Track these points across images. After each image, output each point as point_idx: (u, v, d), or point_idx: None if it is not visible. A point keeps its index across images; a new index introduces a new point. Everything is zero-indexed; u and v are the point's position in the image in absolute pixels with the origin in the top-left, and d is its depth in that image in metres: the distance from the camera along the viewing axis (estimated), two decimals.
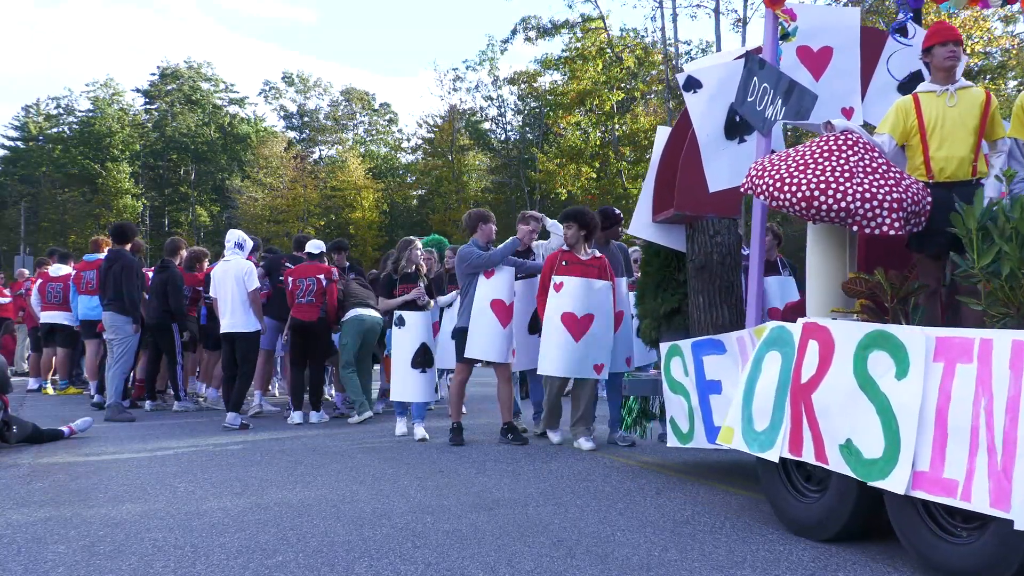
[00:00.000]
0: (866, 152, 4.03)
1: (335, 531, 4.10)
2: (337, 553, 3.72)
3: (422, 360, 7.14)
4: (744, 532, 4.05)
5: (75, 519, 4.39)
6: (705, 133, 5.30)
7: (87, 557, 3.70)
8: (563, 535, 4.00)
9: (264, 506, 4.65)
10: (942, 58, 4.26)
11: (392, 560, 3.61)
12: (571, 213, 6.73)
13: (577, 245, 6.59)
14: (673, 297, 5.99)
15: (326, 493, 4.98)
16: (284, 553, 3.73)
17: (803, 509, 3.94)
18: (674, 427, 5.20)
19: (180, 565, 3.57)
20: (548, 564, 3.54)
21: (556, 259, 6.58)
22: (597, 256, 6.63)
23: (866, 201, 3.80)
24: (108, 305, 8.68)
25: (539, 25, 32.45)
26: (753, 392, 4.07)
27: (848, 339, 3.51)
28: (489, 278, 6.83)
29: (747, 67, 4.81)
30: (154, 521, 4.34)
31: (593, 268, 6.54)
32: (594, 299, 6.44)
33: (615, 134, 31.82)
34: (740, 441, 4.10)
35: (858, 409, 3.40)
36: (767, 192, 4.06)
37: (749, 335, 4.35)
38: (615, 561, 3.58)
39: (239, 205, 42.13)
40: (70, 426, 7.22)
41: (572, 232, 6.57)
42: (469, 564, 3.55)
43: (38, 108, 50.41)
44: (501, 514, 4.43)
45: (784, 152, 4.24)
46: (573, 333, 6.37)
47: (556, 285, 6.46)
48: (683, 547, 3.79)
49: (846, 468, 3.45)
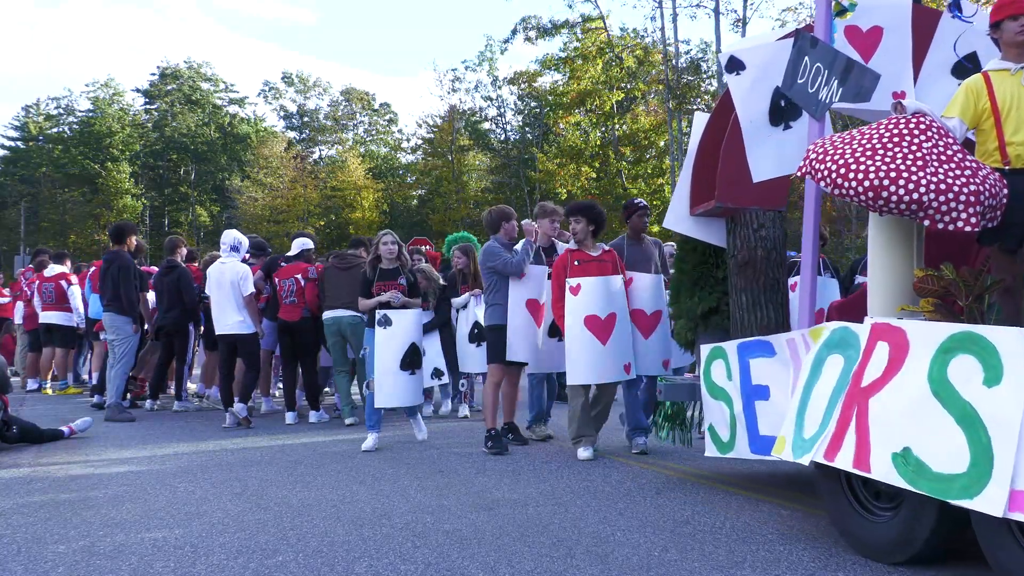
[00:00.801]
0: (940, 138, 3.67)
1: (335, 531, 4.10)
2: (337, 553, 3.72)
3: (412, 361, 6.64)
4: (744, 532, 4.04)
5: (75, 519, 4.39)
6: (748, 119, 4.91)
7: (87, 557, 3.70)
8: (563, 535, 4.00)
9: (264, 506, 4.65)
10: (1013, 33, 3.82)
11: (392, 560, 3.61)
12: (579, 207, 6.36)
13: (586, 241, 6.24)
14: (711, 296, 5.66)
15: (326, 493, 4.98)
16: (284, 553, 3.73)
17: (872, 529, 3.60)
18: (713, 435, 4.84)
19: (180, 565, 3.57)
20: (548, 564, 3.54)
21: (566, 260, 6.20)
22: (607, 250, 6.32)
23: (940, 193, 3.47)
24: (108, 306, 8.69)
25: (539, 25, 32.45)
26: (809, 399, 3.74)
27: (927, 341, 3.17)
28: (522, 278, 6.52)
29: (797, 46, 4.40)
30: (154, 521, 4.34)
31: (608, 264, 6.21)
32: (614, 297, 6.12)
33: (615, 134, 31.82)
34: (789, 452, 3.76)
35: (927, 417, 3.07)
36: (829, 179, 3.70)
37: (803, 337, 4.03)
38: (615, 561, 3.57)
39: (239, 205, 42.11)
40: (70, 426, 7.23)
41: (581, 227, 6.20)
42: (469, 564, 3.55)
43: (38, 108, 50.39)
44: (501, 514, 4.43)
45: (846, 134, 3.88)
46: (600, 336, 6.03)
47: (572, 288, 6.07)
48: (683, 547, 3.78)
49: (898, 480, 3.13)
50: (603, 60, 30.51)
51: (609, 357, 6.04)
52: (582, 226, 6.20)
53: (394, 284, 6.66)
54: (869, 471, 3.26)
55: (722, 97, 5.50)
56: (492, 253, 6.60)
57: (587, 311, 6.03)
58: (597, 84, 30.57)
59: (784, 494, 4.91)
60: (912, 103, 3.92)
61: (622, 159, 31.44)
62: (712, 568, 3.48)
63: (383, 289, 6.62)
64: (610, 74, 30.31)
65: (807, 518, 4.33)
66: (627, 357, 6.17)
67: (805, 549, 3.74)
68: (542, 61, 34.31)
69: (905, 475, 3.11)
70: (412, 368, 6.61)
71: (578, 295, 6.05)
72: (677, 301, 5.96)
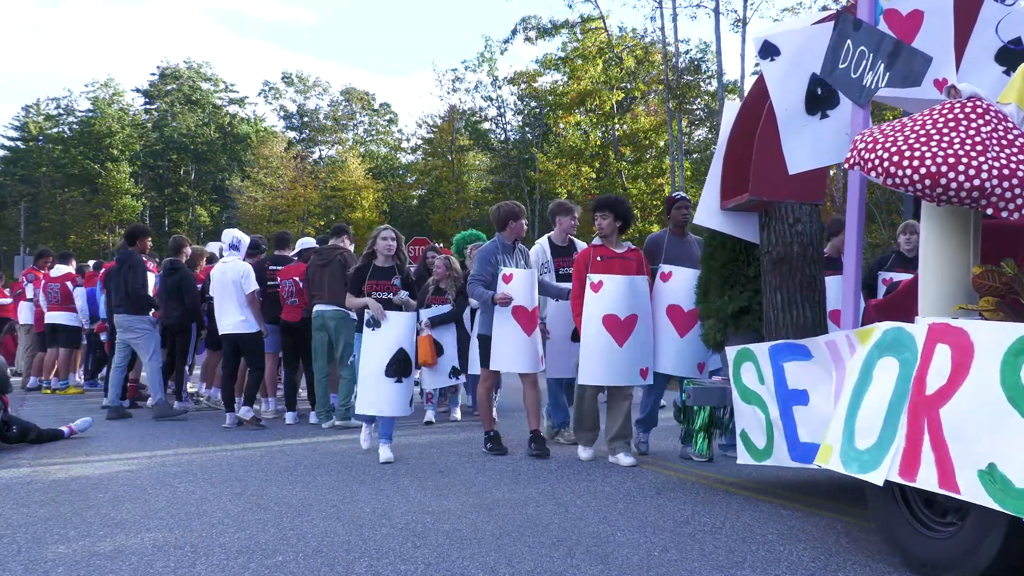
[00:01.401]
0: (999, 122, 3.44)
1: (335, 531, 4.10)
2: (337, 553, 3.72)
3: (399, 368, 6.08)
4: (744, 532, 4.04)
5: (75, 519, 4.39)
6: (783, 107, 4.62)
7: (87, 557, 3.70)
8: (563, 535, 4.00)
9: (264, 506, 4.65)
10: None
11: (392, 560, 3.61)
12: (607, 201, 6.02)
13: (611, 237, 5.95)
14: (742, 295, 5.36)
15: (326, 493, 4.98)
16: (284, 553, 3.73)
17: (931, 545, 3.33)
18: (746, 442, 4.59)
19: (180, 565, 3.57)
20: (548, 564, 3.54)
21: (589, 255, 5.96)
22: (632, 249, 6.05)
23: (1004, 179, 3.23)
24: (118, 307, 8.66)
25: (539, 25, 32.44)
26: (859, 405, 3.49)
27: (993, 343, 2.91)
28: (508, 283, 6.10)
29: (838, 29, 4.14)
30: (154, 521, 4.35)
31: (632, 263, 5.92)
32: (637, 298, 5.84)
33: (615, 134, 31.82)
34: (837, 461, 3.51)
35: (1007, 428, 2.79)
36: (880, 168, 3.46)
37: (848, 338, 3.77)
38: (615, 561, 3.57)
39: (239, 205, 42.10)
40: (70, 426, 7.23)
41: (607, 223, 5.91)
42: (469, 564, 3.55)
43: (38, 108, 50.39)
44: (501, 514, 4.43)
45: (896, 122, 3.66)
46: (616, 337, 5.76)
47: (594, 284, 5.80)
48: (683, 547, 3.78)
49: (988, 500, 2.81)
50: (603, 60, 30.51)
51: (624, 360, 5.80)
52: (608, 222, 5.94)
53: (387, 285, 6.25)
54: (958, 492, 2.95)
55: (755, 84, 5.25)
56: (483, 256, 6.28)
57: (606, 310, 5.78)
58: (597, 84, 30.57)
59: (784, 494, 4.91)
60: (967, 87, 3.70)
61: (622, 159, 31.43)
62: (712, 568, 3.48)
63: (375, 289, 6.22)
64: (610, 74, 30.32)
65: (807, 518, 4.33)
66: (644, 361, 5.92)
67: (805, 549, 3.74)
68: (542, 61, 34.31)
69: (994, 494, 2.81)
70: (399, 375, 6.08)
71: (599, 292, 5.79)
72: (706, 300, 5.66)
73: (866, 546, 3.78)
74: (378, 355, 6.09)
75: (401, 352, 6.12)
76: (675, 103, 26.99)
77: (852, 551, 3.70)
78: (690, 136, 32.05)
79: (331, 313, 7.69)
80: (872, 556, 3.62)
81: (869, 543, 3.82)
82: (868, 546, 3.77)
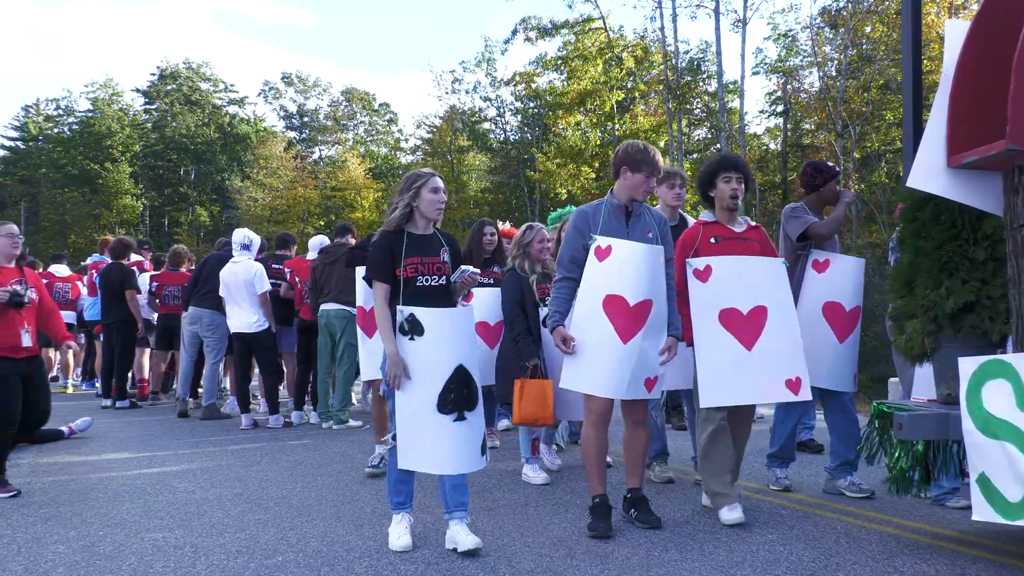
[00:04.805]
0: None
1: (335, 531, 4.10)
2: (337, 553, 3.72)
3: (458, 399, 3.78)
4: (744, 532, 4.04)
5: (75, 519, 4.39)
6: None
7: (87, 557, 3.70)
8: (563, 535, 4.00)
9: (264, 506, 4.66)
10: None
11: (392, 560, 3.61)
12: (734, 160, 4.54)
13: (733, 211, 4.48)
14: (966, 285, 3.90)
15: (326, 493, 4.98)
16: (284, 553, 3.73)
17: None
18: (988, 490, 3.35)
19: (180, 565, 3.57)
20: (548, 564, 3.54)
21: (696, 236, 4.43)
22: (754, 226, 4.56)
23: None
24: (203, 303, 8.55)
25: (539, 26, 32.46)
26: None
27: None
28: (602, 260, 4.09)
29: None
30: (154, 521, 4.35)
31: (754, 243, 4.45)
32: (764, 286, 4.32)
33: (615, 134, 31.82)
34: None
35: None
36: None
37: None
38: (615, 561, 3.58)
39: (239, 205, 42.11)
40: (70, 426, 7.24)
41: (740, 188, 4.43)
42: (469, 564, 3.55)
43: (38, 108, 50.40)
44: (501, 514, 4.43)
45: None
46: (743, 339, 4.24)
47: (699, 272, 4.27)
48: (683, 547, 3.78)
49: None
50: (603, 60, 30.53)
51: (757, 367, 4.23)
52: (741, 187, 4.45)
53: (436, 263, 3.95)
54: None
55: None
56: (564, 247, 4.34)
57: (722, 304, 4.26)
58: (597, 84, 30.59)
59: (784, 494, 4.91)
60: None
61: None
62: (712, 568, 3.48)
63: (421, 271, 3.91)
64: (610, 74, 30.33)
65: (807, 518, 4.33)
66: (796, 370, 4.31)
67: (805, 549, 3.74)
68: (541, 61, 34.32)
69: None
70: (458, 410, 3.78)
71: (708, 282, 4.27)
72: (908, 292, 4.16)
73: (866, 546, 3.78)
74: (422, 380, 3.77)
75: (460, 371, 3.81)
76: (675, 103, 26.99)
77: (852, 551, 3.70)
78: (690, 136, 32.05)
79: (336, 312, 7.68)
80: (873, 556, 3.62)
81: (869, 543, 3.82)
82: (868, 546, 3.78)
